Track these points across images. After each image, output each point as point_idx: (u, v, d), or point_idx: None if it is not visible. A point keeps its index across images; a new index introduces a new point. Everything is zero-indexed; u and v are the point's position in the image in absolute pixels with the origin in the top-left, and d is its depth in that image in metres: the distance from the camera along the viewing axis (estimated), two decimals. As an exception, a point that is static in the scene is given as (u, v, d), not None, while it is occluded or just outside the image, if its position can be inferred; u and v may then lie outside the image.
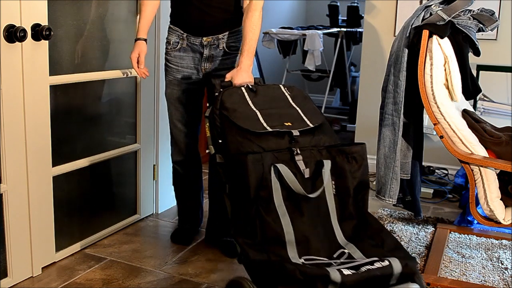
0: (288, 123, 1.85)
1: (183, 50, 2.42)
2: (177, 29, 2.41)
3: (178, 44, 2.41)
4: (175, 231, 2.75)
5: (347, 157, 1.82)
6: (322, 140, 1.87)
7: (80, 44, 2.46)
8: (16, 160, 2.15)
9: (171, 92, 2.48)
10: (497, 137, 2.24)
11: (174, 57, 2.43)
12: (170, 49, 2.44)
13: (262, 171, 1.68)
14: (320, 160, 1.78)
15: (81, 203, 2.60)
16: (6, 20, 2.02)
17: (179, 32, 2.40)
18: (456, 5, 2.19)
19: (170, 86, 2.48)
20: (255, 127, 1.79)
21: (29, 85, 2.16)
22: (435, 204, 3.32)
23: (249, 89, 1.97)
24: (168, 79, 2.49)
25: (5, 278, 2.19)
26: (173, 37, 2.42)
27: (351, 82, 5.81)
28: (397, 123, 2.31)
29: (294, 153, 1.77)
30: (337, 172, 1.81)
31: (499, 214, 2.20)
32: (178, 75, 2.45)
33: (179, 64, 2.44)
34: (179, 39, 2.40)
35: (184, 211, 2.74)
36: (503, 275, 2.40)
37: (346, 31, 5.53)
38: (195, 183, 2.69)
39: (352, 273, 1.51)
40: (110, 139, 2.73)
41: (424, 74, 2.21)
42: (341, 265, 1.58)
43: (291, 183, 1.70)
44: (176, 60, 2.44)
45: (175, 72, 2.45)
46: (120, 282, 2.28)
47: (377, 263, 1.55)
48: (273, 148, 1.77)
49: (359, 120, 4.01)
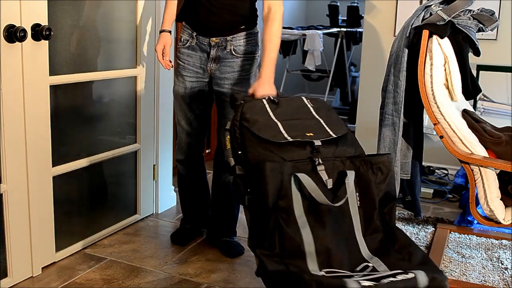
0: (310, 133, 1.77)
1: (192, 49, 2.42)
2: (188, 27, 2.43)
3: (188, 42, 2.42)
4: (176, 231, 2.75)
5: (372, 167, 1.73)
6: (346, 152, 1.78)
7: (80, 44, 2.46)
8: (16, 160, 2.15)
9: (177, 89, 2.50)
10: (497, 137, 2.24)
11: (183, 54, 2.44)
12: (181, 46, 2.45)
13: (281, 179, 1.61)
14: (343, 171, 1.69)
15: (81, 203, 2.60)
16: (6, 20, 2.02)
17: (190, 31, 2.41)
18: (456, 5, 2.19)
19: (176, 83, 2.50)
20: (275, 137, 1.72)
21: (29, 85, 2.16)
22: (435, 204, 3.32)
23: (270, 100, 1.89)
24: (176, 76, 2.50)
25: (5, 278, 2.19)
26: (184, 34, 2.44)
27: (351, 82, 5.81)
28: (397, 123, 2.31)
29: (315, 163, 1.69)
30: (362, 184, 1.72)
31: (499, 214, 2.20)
32: (184, 72, 2.45)
33: (186, 62, 2.44)
34: (189, 37, 2.42)
35: (186, 211, 2.74)
36: (503, 275, 2.40)
37: (346, 31, 5.53)
38: (198, 183, 2.69)
39: (373, 284, 1.41)
40: (110, 139, 2.73)
41: (424, 74, 2.21)
42: (363, 277, 1.49)
43: (313, 192, 1.61)
44: (184, 58, 2.44)
45: (181, 69, 2.46)
46: (120, 282, 2.28)
47: (401, 275, 1.45)
48: (295, 158, 1.70)
49: (359, 120, 4.01)
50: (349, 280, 1.42)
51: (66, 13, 2.35)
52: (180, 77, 2.47)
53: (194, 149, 2.59)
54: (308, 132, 1.76)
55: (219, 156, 2.56)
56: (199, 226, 2.75)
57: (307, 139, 1.73)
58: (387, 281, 1.43)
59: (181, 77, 2.46)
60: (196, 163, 2.64)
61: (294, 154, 1.71)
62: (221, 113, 2.48)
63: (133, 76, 2.76)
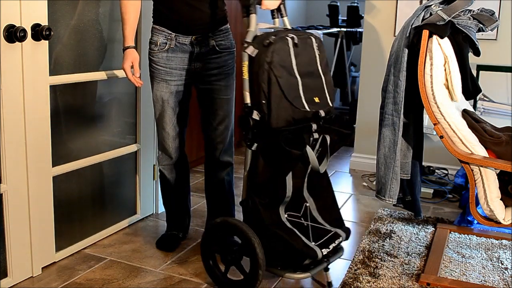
0: (317, 98, 2.13)
1: (171, 51, 2.36)
2: (164, 29, 2.34)
3: (166, 44, 2.35)
4: (161, 237, 2.68)
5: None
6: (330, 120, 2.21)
7: (80, 44, 2.46)
8: (16, 160, 2.15)
9: (159, 94, 2.41)
10: (497, 137, 2.24)
11: (161, 58, 2.36)
12: (158, 51, 2.36)
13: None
14: (325, 138, 2.14)
15: (81, 203, 2.60)
16: (6, 20, 2.02)
17: (166, 32, 2.34)
18: (456, 5, 2.19)
19: (158, 88, 2.41)
20: (298, 103, 2.07)
21: (29, 85, 2.16)
22: (435, 204, 3.32)
23: (294, 44, 2.08)
24: (156, 82, 2.41)
25: (5, 278, 2.20)
26: (160, 37, 2.35)
27: (351, 82, 5.82)
28: (397, 123, 2.31)
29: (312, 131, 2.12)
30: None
31: (499, 214, 2.21)
32: (167, 77, 2.38)
33: (168, 66, 2.37)
34: (166, 39, 2.34)
35: (172, 217, 2.69)
36: (503, 275, 2.40)
37: (346, 31, 5.53)
38: (183, 187, 2.66)
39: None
40: (110, 139, 2.73)
41: (424, 74, 2.21)
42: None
43: (312, 162, 2.07)
44: (164, 62, 2.37)
45: (163, 74, 2.38)
46: (120, 282, 2.28)
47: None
48: (301, 118, 2.08)
49: (359, 120, 4.01)
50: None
51: (66, 13, 2.35)
52: (163, 82, 2.39)
53: (181, 150, 2.56)
54: (315, 97, 2.13)
55: (211, 155, 2.53)
56: (185, 232, 2.72)
57: (316, 109, 2.11)
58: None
59: (164, 82, 2.39)
60: (182, 166, 2.61)
61: (302, 114, 2.08)
62: (208, 110, 2.45)
63: (133, 76, 2.76)
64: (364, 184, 3.71)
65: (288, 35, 2.09)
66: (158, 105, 2.44)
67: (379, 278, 2.34)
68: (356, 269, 2.42)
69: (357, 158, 4.04)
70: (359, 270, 2.41)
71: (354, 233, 2.88)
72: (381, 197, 2.42)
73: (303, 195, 2.26)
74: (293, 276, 2.12)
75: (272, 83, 2.02)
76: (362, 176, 3.90)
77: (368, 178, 3.84)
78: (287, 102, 2.04)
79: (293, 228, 2.13)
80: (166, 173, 2.59)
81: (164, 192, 2.67)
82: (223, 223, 2.18)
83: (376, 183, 2.45)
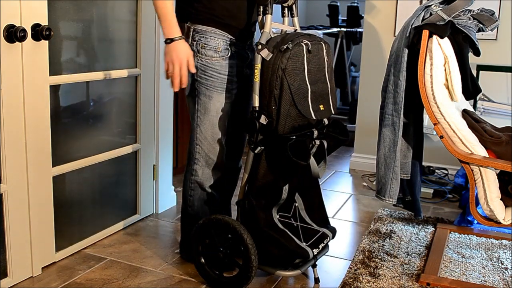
0: (322, 105, 2.14)
1: (231, 58, 2.18)
2: (225, 34, 2.15)
3: (228, 51, 2.17)
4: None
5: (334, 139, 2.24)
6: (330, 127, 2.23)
7: (80, 44, 2.46)
8: (16, 160, 2.15)
9: (219, 106, 2.20)
10: (497, 137, 2.24)
11: (223, 66, 2.16)
12: (220, 57, 2.15)
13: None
14: (322, 144, 2.14)
15: (81, 203, 2.60)
16: (6, 20, 2.02)
17: (226, 37, 2.16)
18: (456, 5, 2.19)
19: (220, 100, 2.20)
20: (306, 112, 2.06)
21: (29, 85, 2.16)
22: (435, 204, 3.32)
23: (308, 50, 2.06)
24: (217, 92, 2.18)
25: (5, 278, 2.20)
26: (221, 42, 2.15)
27: (351, 82, 5.82)
28: (397, 123, 2.31)
29: (314, 137, 2.13)
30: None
31: (499, 214, 2.21)
32: (230, 85, 2.20)
33: (229, 73, 2.19)
34: (226, 45, 2.16)
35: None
36: (503, 275, 2.40)
37: (346, 31, 5.53)
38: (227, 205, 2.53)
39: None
40: (110, 139, 2.73)
41: (424, 74, 2.21)
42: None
43: (314, 171, 2.12)
44: (225, 69, 2.17)
45: (228, 83, 2.19)
46: (120, 282, 2.29)
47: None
48: (305, 125, 2.11)
49: (359, 120, 4.01)
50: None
51: (66, 13, 2.35)
52: (227, 92, 2.19)
53: (232, 160, 2.44)
54: (321, 104, 2.14)
55: (232, 163, 2.44)
56: None
57: (320, 117, 2.13)
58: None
59: (227, 93, 2.20)
60: (233, 174, 2.49)
61: (306, 121, 2.10)
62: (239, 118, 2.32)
63: (133, 76, 2.76)
64: (364, 184, 3.71)
65: (303, 41, 2.05)
66: (216, 117, 2.22)
67: (379, 278, 2.34)
68: (356, 269, 2.42)
69: (357, 158, 4.04)
70: (359, 270, 2.41)
71: (354, 233, 2.88)
72: (381, 197, 2.42)
73: (294, 196, 2.30)
74: (284, 274, 2.18)
75: (284, 90, 2.01)
76: (362, 176, 3.90)
77: (368, 178, 3.84)
78: (296, 110, 2.04)
79: (284, 229, 2.16)
80: (214, 193, 2.37)
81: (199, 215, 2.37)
82: (214, 221, 2.17)
83: (376, 183, 2.45)
